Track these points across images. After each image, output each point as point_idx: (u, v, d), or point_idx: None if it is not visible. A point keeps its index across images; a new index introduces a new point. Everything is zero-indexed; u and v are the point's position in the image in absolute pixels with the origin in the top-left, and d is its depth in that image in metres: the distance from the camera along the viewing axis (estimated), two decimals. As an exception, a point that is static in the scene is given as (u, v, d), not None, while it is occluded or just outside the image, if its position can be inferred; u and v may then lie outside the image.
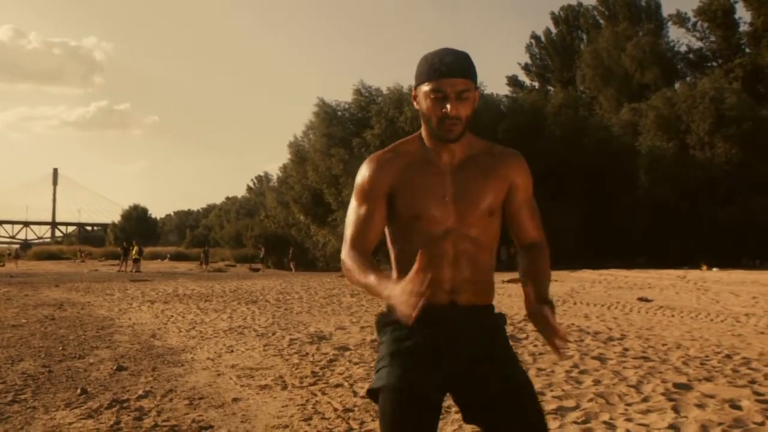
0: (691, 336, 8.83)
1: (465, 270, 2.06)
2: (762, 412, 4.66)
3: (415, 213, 2.06)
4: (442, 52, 2.05)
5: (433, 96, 2.02)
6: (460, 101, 2.00)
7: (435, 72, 2.01)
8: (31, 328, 10.17)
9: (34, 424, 4.75)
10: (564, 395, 5.29)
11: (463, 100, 2.01)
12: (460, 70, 2.01)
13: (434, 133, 2.06)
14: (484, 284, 2.13)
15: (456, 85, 2.00)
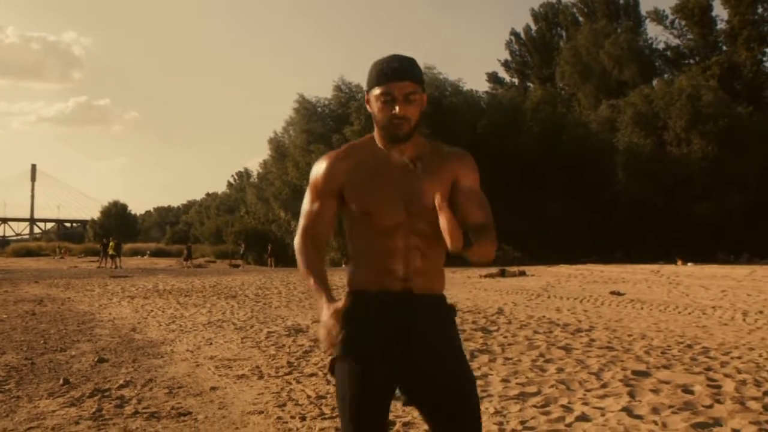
0: (657, 327, 9.13)
1: (416, 261, 2.22)
2: (712, 396, 4.94)
3: (366, 210, 2.23)
4: (390, 58, 2.21)
5: (382, 99, 2.17)
6: (408, 103, 2.16)
7: (384, 76, 2.17)
8: (12, 323, 10.30)
9: (18, 412, 4.94)
10: (527, 382, 5.55)
11: (411, 102, 2.17)
12: (407, 74, 2.17)
13: (385, 133, 2.22)
14: (435, 274, 2.29)
15: (403, 88, 2.15)
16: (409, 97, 2.17)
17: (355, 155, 2.29)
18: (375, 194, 2.22)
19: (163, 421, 4.72)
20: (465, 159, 2.35)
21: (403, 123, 2.17)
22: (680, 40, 54.35)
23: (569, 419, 4.39)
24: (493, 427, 4.26)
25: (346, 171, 2.26)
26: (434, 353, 2.19)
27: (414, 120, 2.20)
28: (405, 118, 2.17)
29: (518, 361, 6.55)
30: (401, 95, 2.16)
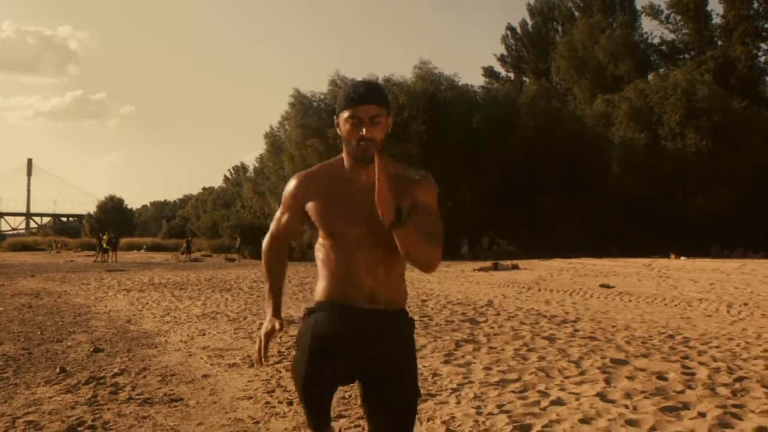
0: (641, 319, 9.34)
1: (378, 277, 2.37)
2: (685, 382, 5.13)
3: (330, 230, 2.39)
4: (357, 84, 2.37)
5: (350, 121, 2.32)
6: (373, 125, 2.31)
7: (351, 101, 2.32)
8: (9, 315, 10.47)
9: (16, 398, 5.11)
10: (508, 369, 5.74)
11: (376, 124, 2.31)
12: (372, 98, 2.32)
13: (353, 154, 2.36)
14: (397, 289, 2.44)
15: (369, 111, 2.30)
16: (374, 120, 2.31)
17: (325, 175, 2.45)
18: (339, 214, 2.37)
19: (155, 406, 4.90)
20: (427, 183, 2.47)
21: (370, 144, 2.31)
22: (675, 34, 54.54)
23: (544, 403, 4.58)
24: (471, 410, 4.45)
25: (313, 191, 2.42)
26: (389, 366, 2.36)
27: (379, 141, 2.34)
28: (371, 139, 2.31)
29: (502, 350, 6.74)
30: (367, 118, 2.30)
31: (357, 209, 2.35)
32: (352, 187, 2.39)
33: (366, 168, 2.37)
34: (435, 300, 11.97)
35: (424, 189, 2.44)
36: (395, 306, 2.42)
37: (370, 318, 2.35)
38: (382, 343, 2.36)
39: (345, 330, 2.35)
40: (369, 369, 2.36)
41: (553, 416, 4.25)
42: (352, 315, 2.35)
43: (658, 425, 4.02)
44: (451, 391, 5.02)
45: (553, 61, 56.54)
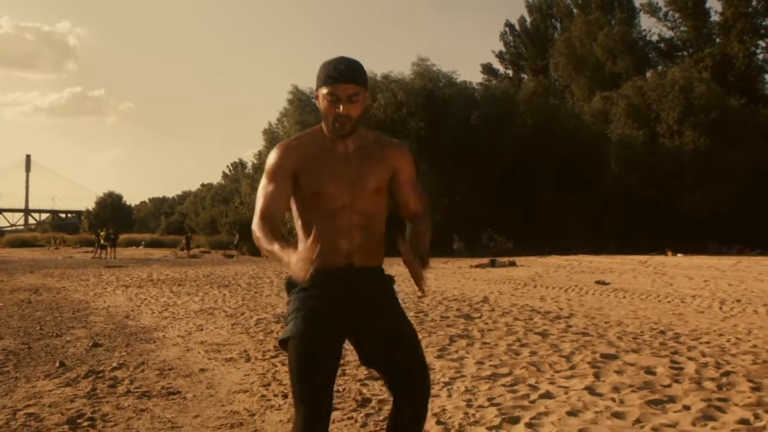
0: (634, 315, 9.44)
1: (358, 237, 2.52)
2: (672, 376, 5.23)
3: (316, 190, 2.51)
4: (337, 61, 2.47)
5: (329, 98, 2.44)
6: (351, 103, 2.43)
7: (330, 78, 2.43)
8: (9, 311, 10.57)
9: (17, 392, 5.21)
10: (500, 364, 5.84)
11: (353, 102, 2.44)
12: (351, 77, 2.43)
13: (331, 129, 2.50)
14: (375, 250, 2.60)
15: (347, 90, 2.42)
16: (352, 98, 2.44)
17: (306, 143, 2.56)
18: (324, 177, 2.50)
19: (153, 399, 5.00)
20: (403, 150, 2.65)
21: (346, 121, 2.45)
22: (674, 32, 54.62)
23: (534, 396, 4.67)
24: (461, 403, 4.55)
25: (298, 156, 2.53)
26: (375, 311, 2.52)
27: (356, 117, 2.47)
28: (348, 116, 2.45)
29: (495, 345, 6.84)
30: (345, 96, 2.43)
31: (337, 176, 2.50)
32: (332, 156, 2.52)
33: (343, 140, 2.51)
34: (431, 296, 12.07)
35: (406, 163, 2.63)
36: (372, 264, 2.57)
37: (349, 275, 2.50)
38: (365, 294, 2.52)
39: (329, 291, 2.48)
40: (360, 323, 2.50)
41: (542, 409, 4.35)
42: (332, 276, 2.48)
43: (643, 418, 4.12)
44: (443, 385, 5.12)
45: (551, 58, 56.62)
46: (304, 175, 2.52)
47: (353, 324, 2.52)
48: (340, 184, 2.50)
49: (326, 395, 2.42)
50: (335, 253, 2.50)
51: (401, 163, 2.61)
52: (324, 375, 2.43)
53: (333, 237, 2.49)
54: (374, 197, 2.54)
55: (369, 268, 2.57)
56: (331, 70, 2.45)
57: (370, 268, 2.58)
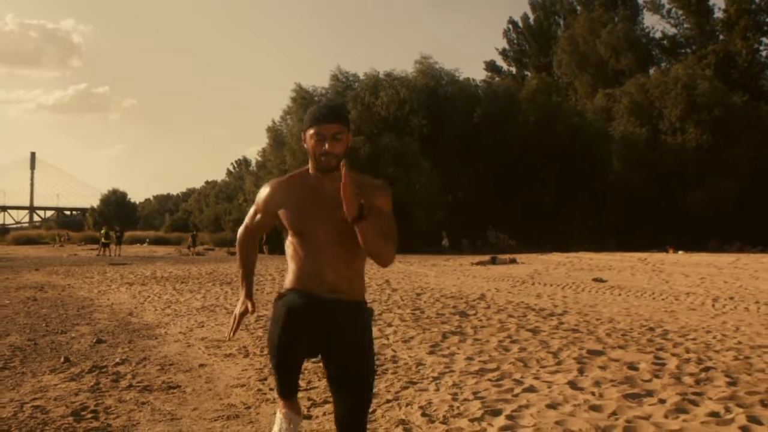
0: (627, 312, 9.63)
1: (341, 271, 2.73)
2: (653, 372, 5.44)
3: (300, 228, 2.75)
4: (322, 105, 2.77)
5: (315, 137, 2.69)
6: (335, 141, 2.68)
7: (316, 120, 2.70)
8: (15, 308, 10.79)
9: (23, 386, 5.43)
10: (489, 360, 6.05)
11: (338, 140, 2.69)
12: (335, 118, 2.70)
13: (317, 165, 2.73)
14: (357, 282, 2.81)
15: (332, 129, 2.68)
16: (337, 136, 2.69)
17: (294, 183, 2.81)
18: (307, 217, 2.73)
19: (154, 393, 5.21)
20: (382, 189, 2.83)
21: (332, 157, 2.68)
22: (677, 29, 54.73)
23: (517, 390, 4.88)
24: (447, 396, 4.76)
25: (283, 197, 2.79)
26: (347, 347, 2.73)
27: (340, 154, 2.69)
28: (333, 153, 2.68)
29: (486, 341, 7.05)
30: (330, 134, 2.68)
31: (322, 212, 2.72)
32: (318, 194, 2.75)
33: (329, 177, 2.72)
34: (429, 294, 12.29)
35: (381, 196, 2.80)
36: (354, 297, 2.78)
37: (332, 304, 2.71)
38: (341, 325, 2.72)
39: (311, 310, 2.70)
40: (330, 346, 2.73)
41: (524, 402, 4.56)
42: (317, 301, 2.70)
43: (619, 410, 4.32)
44: (432, 380, 5.33)
45: (554, 55, 56.76)
46: (288, 216, 2.77)
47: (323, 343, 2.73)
48: (324, 221, 2.71)
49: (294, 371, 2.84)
50: (318, 283, 2.72)
51: (380, 203, 2.78)
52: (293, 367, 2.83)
53: (317, 268, 2.73)
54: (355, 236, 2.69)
55: (350, 300, 2.77)
56: (317, 112, 2.73)
57: (351, 301, 2.77)
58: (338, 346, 2.73)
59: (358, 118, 39.75)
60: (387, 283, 15.08)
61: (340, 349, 2.73)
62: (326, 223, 2.71)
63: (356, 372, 2.74)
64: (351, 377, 2.74)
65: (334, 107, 2.78)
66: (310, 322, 2.71)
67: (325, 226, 2.71)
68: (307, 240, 2.75)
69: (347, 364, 2.74)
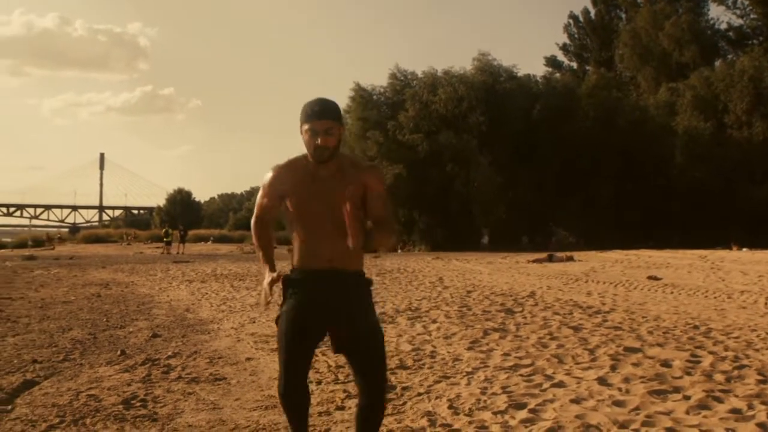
0: (675, 310, 9.59)
1: (338, 247, 2.98)
2: (685, 369, 5.49)
3: (301, 208, 3.06)
4: (314, 102, 3.02)
5: (309, 132, 2.98)
6: (328, 135, 2.96)
7: (309, 117, 2.98)
8: (79, 304, 11.32)
9: (81, 376, 5.80)
10: (525, 356, 6.18)
11: (330, 135, 2.97)
12: (326, 114, 2.97)
13: (312, 156, 3.02)
14: (354, 255, 3.05)
15: (324, 125, 2.95)
16: (329, 131, 2.97)
17: (294, 169, 3.11)
18: (305, 198, 3.03)
19: (201, 384, 5.51)
20: (375, 171, 3.21)
21: (324, 151, 2.98)
22: (743, 20, 53.33)
23: (546, 386, 5.01)
24: (476, 390, 4.93)
25: (287, 181, 3.09)
26: (350, 312, 3.05)
27: (333, 147, 2.99)
28: (326, 147, 2.98)
29: (526, 338, 7.17)
30: (322, 130, 2.96)
31: (318, 195, 3.02)
32: (315, 179, 3.04)
33: (324, 165, 3.02)
34: (479, 291, 12.41)
35: (376, 178, 3.14)
36: (352, 268, 3.08)
37: (332, 275, 3.03)
38: (341, 290, 3.04)
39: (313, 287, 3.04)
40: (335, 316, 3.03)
41: (549, 396, 4.69)
42: (316, 276, 3.04)
43: (641, 406, 4.41)
44: (465, 374, 5.50)
45: (616, 49, 55.94)
46: (291, 198, 3.07)
47: (330, 316, 3.04)
48: (321, 202, 3.01)
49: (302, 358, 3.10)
50: (319, 258, 3.05)
51: (371, 181, 3.11)
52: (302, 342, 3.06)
53: (317, 245, 3.06)
54: None
55: (348, 270, 3.08)
56: (309, 109, 2.99)
57: (349, 271, 3.08)
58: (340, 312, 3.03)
59: (416, 116, 39.96)
60: (440, 280, 15.24)
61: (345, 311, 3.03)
62: (323, 205, 3.00)
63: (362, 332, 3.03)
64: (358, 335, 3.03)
65: (325, 104, 3.01)
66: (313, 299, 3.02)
67: (322, 207, 3.00)
68: (307, 220, 3.05)
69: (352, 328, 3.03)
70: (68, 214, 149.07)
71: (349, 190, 2.91)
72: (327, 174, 3.04)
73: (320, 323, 3.08)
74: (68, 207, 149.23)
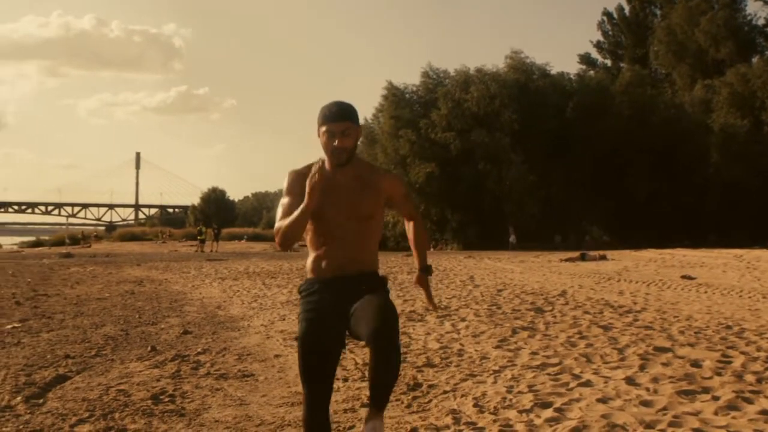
0: (708, 310, 9.46)
1: (352, 251, 3.01)
2: (715, 369, 5.42)
3: (318, 215, 3.00)
4: (332, 104, 3.01)
5: (326, 134, 2.98)
6: (345, 137, 2.96)
7: (326, 118, 2.98)
8: (113, 301, 11.49)
9: (111, 371, 5.90)
10: (553, 355, 6.15)
11: (347, 136, 2.96)
12: (343, 116, 2.97)
13: (330, 159, 3.02)
14: (369, 259, 3.09)
15: (341, 126, 2.95)
16: (345, 133, 2.97)
17: None
18: (324, 203, 2.98)
19: (229, 380, 5.57)
20: (392, 176, 3.27)
21: (342, 152, 2.98)
22: (782, 15, 52.33)
23: (573, 385, 4.97)
24: (502, 389, 4.91)
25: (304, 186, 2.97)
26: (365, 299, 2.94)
27: (350, 148, 2.99)
28: (343, 148, 2.97)
29: (555, 337, 7.13)
30: (339, 131, 2.96)
31: (336, 200, 3.01)
32: (332, 183, 3.01)
33: (342, 168, 3.02)
34: (510, 290, 12.34)
35: (395, 182, 3.19)
36: (368, 269, 3.08)
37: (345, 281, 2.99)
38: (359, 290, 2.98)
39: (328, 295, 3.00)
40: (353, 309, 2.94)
41: (576, 395, 4.66)
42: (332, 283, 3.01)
43: (669, 406, 4.36)
44: (492, 373, 5.48)
45: (651, 46, 55.30)
46: None
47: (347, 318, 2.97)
48: (341, 209, 3.01)
49: (325, 384, 3.01)
50: (334, 265, 3.03)
51: (393, 189, 3.15)
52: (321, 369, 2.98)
53: (333, 251, 3.03)
54: (366, 221, 3.05)
55: (364, 273, 3.06)
56: (327, 111, 3.00)
57: (365, 273, 3.06)
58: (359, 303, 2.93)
59: (448, 114, 39.89)
60: (471, 279, 15.20)
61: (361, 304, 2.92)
62: (340, 210, 3.00)
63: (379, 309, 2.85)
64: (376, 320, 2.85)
65: (342, 106, 3.02)
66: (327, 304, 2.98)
67: (339, 212, 3.00)
68: (323, 224, 3.02)
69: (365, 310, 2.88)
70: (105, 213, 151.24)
71: None
72: (345, 179, 3.04)
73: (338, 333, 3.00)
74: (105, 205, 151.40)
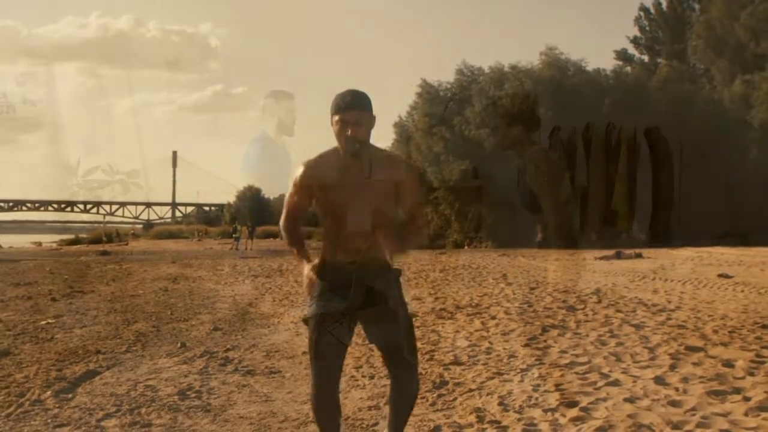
0: (744, 309, 9.27)
1: (369, 240, 3.01)
2: (748, 369, 5.30)
3: (332, 205, 3.06)
4: (345, 93, 3.03)
5: (340, 123, 2.98)
6: (358, 126, 2.97)
7: (339, 108, 2.99)
8: (146, 298, 11.63)
9: (141, 367, 5.97)
10: (582, 353, 6.07)
11: (360, 125, 2.98)
12: (356, 105, 2.99)
13: (344, 148, 3.02)
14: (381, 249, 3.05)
15: (354, 115, 2.96)
16: (359, 122, 2.97)
17: (325, 163, 3.09)
18: (338, 195, 3.02)
19: (256, 376, 5.61)
20: (407, 166, 3.27)
21: (355, 140, 2.98)
22: (825, 9, 51.12)
23: (600, 384, 4.91)
24: (528, 387, 4.87)
25: (316, 176, 3.08)
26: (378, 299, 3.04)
27: (364, 137, 3.00)
28: (356, 137, 2.97)
29: (585, 336, 7.04)
30: (352, 120, 2.96)
31: (351, 190, 3.02)
32: (347, 173, 3.03)
33: (355, 159, 3.02)
34: (542, 288, 12.23)
35: (408, 173, 3.16)
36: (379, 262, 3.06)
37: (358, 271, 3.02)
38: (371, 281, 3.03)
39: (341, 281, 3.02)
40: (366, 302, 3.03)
41: (603, 395, 4.60)
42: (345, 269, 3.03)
43: (698, 406, 4.28)
44: (519, 371, 5.44)
45: (689, 41, 54.39)
46: (323, 191, 3.07)
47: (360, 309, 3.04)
48: (353, 198, 3.01)
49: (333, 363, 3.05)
50: (348, 252, 3.04)
51: (403, 176, 3.12)
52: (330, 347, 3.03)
53: (348, 240, 3.04)
54: (381, 211, 3.05)
55: (377, 264, 3.06)
56: (341, 100, 3.00)
57: (378, 265, 3.06)
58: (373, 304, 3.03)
59: (483, 112, 39.66)
60: (503, 276, 15.09)
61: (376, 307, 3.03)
62: (354, 200, 3.00)
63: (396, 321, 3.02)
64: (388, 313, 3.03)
65: (356, 95, 3.02)
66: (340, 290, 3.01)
67: (354, 202, 3.00)
68: (337, 215, 3.04)
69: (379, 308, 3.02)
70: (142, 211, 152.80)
71: None
72: (358, 168, 3.03)
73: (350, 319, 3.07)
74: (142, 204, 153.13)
